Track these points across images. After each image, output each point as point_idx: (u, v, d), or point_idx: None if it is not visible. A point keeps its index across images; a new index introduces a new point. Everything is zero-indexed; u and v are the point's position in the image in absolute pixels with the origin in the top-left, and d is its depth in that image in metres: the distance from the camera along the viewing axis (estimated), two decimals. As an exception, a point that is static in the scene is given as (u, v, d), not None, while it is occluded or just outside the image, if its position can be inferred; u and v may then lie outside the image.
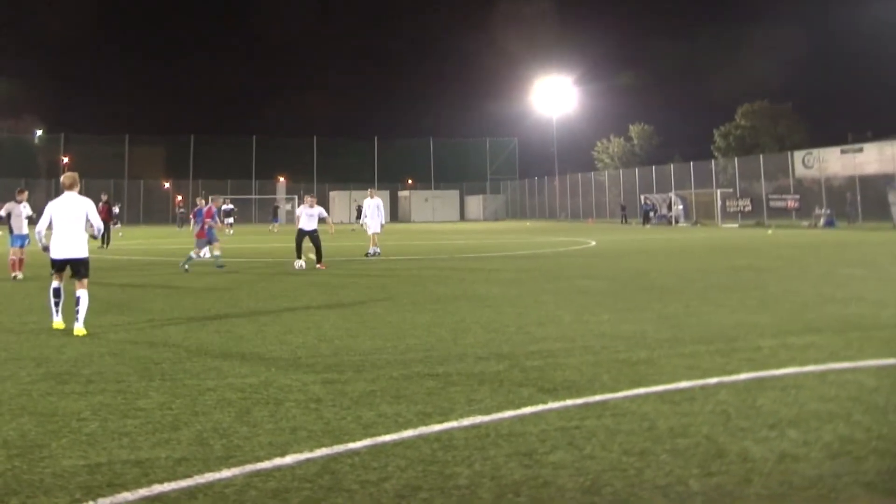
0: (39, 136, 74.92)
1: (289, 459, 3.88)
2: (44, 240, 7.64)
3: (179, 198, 66.00)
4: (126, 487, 3.48)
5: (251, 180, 69.34)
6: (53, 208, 7.49)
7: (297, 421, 4.61)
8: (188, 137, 70.69)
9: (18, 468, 3.70)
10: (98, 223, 7.53)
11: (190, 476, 3.64)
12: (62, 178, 7.64)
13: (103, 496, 3.38)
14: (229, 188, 63.38)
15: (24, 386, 5.44)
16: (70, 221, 7.38)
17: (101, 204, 25.79)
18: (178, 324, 8.35)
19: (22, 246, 12.74)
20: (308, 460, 3.90)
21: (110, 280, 13.61)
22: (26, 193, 13.52)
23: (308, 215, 15.32)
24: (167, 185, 70.98)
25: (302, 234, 15.24)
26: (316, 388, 5.41)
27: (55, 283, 7.53)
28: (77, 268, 7.47)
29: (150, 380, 5.64)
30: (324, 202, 43.78)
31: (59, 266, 7.50)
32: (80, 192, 7.54)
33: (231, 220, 39.31)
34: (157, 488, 3.47)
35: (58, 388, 5.36)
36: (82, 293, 7.40)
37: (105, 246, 23.69)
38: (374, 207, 18.43)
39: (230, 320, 8.65)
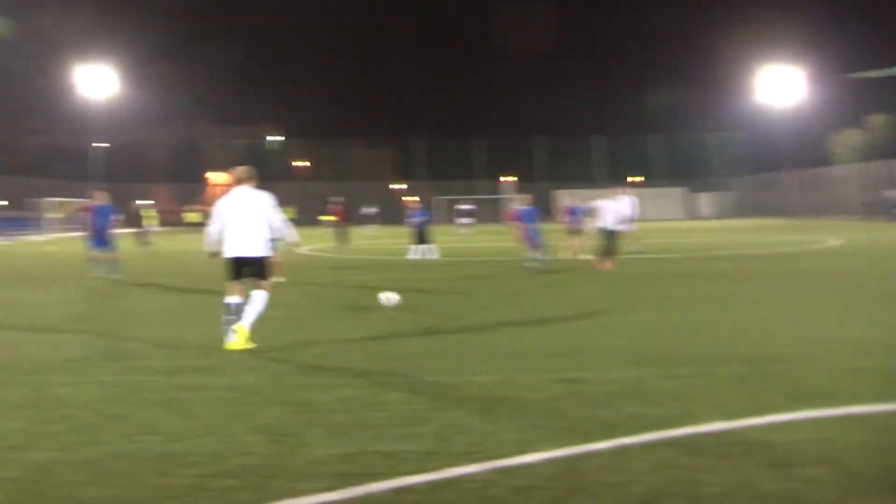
0: (273, 141, 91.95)
1: (532, 457, 4.43)
2: (212, 245, 7.97)
3: (416, 198, 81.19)
4: (377, 478, 4.16)
5: (478, 181, 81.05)
6: (224, 205, 7.90)
7: (539, 419, 5.23)
8: (417, 139, 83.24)
9: (277, 454, 4.59)
10: (278, 222, 7.96)
11: (436, 469, 4.27)
12: (237, 172, 8.09)
13: (356, 485, 4.06)
14: (458, 189, 75.19)
15: (277, 377, 6.71)
16: (244, 216, 7.78)
17: (338, 206, 30.75)
18: (416, 321, 9.79)
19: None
20: (551, 459, 4.41)
21: (353, 280, 16.43)
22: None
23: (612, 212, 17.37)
24: (398, 186, 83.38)
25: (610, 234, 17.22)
26: (555, 387, 6.10)
27: (237, 300, 7.69)
28: (253, 269, 7.82)
29: (392, 374, 6.73)
30: (544, 201, 47.39)
31: (234, 269, 7.81)
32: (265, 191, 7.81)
33: (469, 220, 47.30)
34: (406, 480, 4.13)
35: (307, 381, 6.55)
36: (259, 294, 7.77)
37: (343, 246, 28.64)
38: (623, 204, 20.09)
39: (465, 318, 10.05)
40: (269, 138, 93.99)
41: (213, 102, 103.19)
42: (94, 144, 74.35)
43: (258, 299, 7.77)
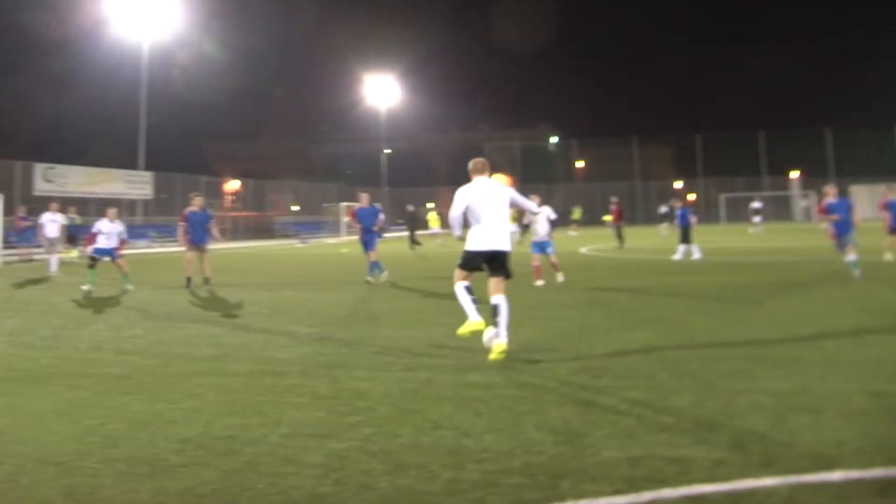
0: (554, 142, 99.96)
1: (837, 475, 4.47)
2: (458, 230, 8.72)
3: (693, 196, 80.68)
4: (667, 483, 4.41)
5: (762, 176, 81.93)
6: (469, 194, 8.56)
7: (842, 434, 5.25)
8: (694, 135, 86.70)
9: (565, 454, 4.98)
10: (532, 207, 9.12)
11: (729, 479, 4.43)
12: (471, 164, 8.90)
13: (644, 489, 4.33)
14: (740, 186, 76.50)
15: (563, 377, 7.26)
16: (493, 207, 8.47)
17: (615, 205, 33.77)
18: (700, 325, 10.55)
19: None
20: (861, 480, 4.44)
21: (632, 282, 17.71)
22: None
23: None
24: (677, 184, 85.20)
25: None
26: (860, 400, 6.11)
27: (465, 283, 8.45)
28: (500, 264, 8.41)
29: (680, 378, 7.06)
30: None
31: (475, 262, 8.48)
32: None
33: (759, 218, 47.32)
34: (698, 488, 4.33)
35: (594, 382, 7.05)
36: (502, 301, 8.22)
37: (621, 245, 31.58)
38: None
39: (752, 322, 10.62)
40: (551, 140, 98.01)
41: (492, 106, 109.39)
42: (384, 151, 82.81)
43: (504, 307, 8.22)
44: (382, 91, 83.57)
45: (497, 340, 8.12)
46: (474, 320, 8.34)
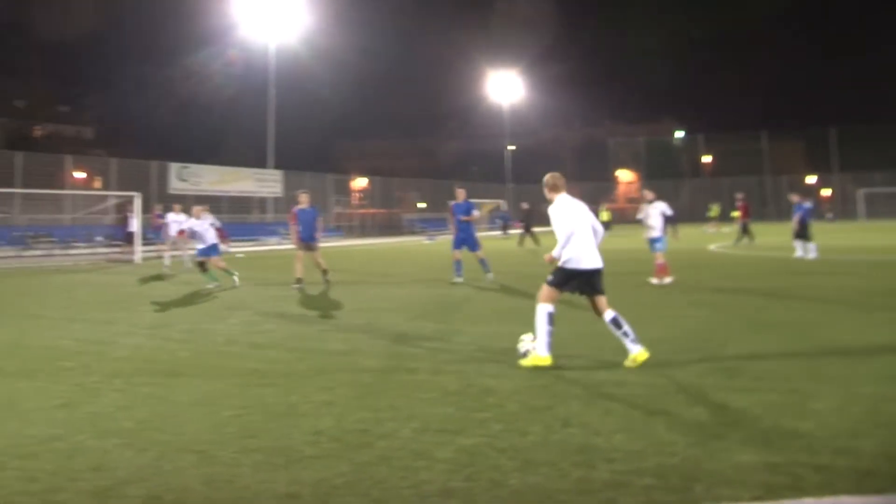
0: (679, 137, 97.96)
1: None
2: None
3: (828, 192, 78.90)
4: (808, 493, 4.24)
5: None
6: (570, 211, 8.38)
7: None
8: (828, 128, 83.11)
9: (698, 456, 4.86)
10: (600, 229, 8.45)
11: (880, 493, 4.26)
12: (552, 179, 8.73)
13: (784, 497, 4.19)
14: (879, 180, 72.57)
15: (696, 378, 7.11)
16: (587, 224, 8.35)
17: (741, 202, 32.51)
18: (840, 326, 10.26)
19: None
20: None
21: (761, 283, 17.43)
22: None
23: None
24: (810, 179, 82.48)
25: None
26: None
27: (551, 308, 8.14)
28: (599, 281, 8.26)
29: (819, 382, 6.82)
30: None
31: (573, 282, 8.27)
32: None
33: None
34: (846, 500, 4.17)
35: (727, 383, 6.87)
36: (615, 313, 8.04)
37: (743, 242, 30.92)
38: None
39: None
40: (676, 134, 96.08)
41: (615, 101, 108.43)
42: (508, 147, 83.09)
43: (621, 317, 8.01)
44: (506, 87, 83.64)
45: (636, 349, 7.89)
46: (544, 355, 7.97)
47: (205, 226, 18.07)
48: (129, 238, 29.40)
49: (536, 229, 35.42)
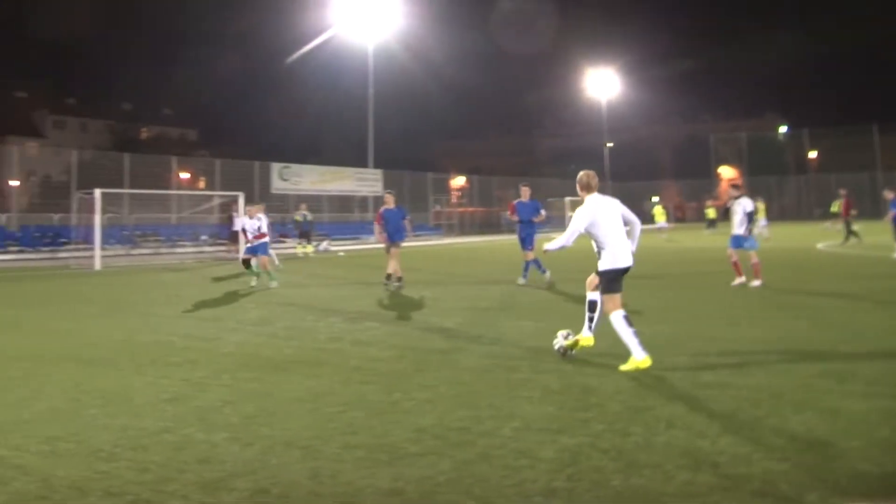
0: (783, 132, 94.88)
1: None
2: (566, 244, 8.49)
3: None
4: None
5: None
6: (600, 210, 8.34)
7: None
8: None
9: (809, 463, 4.71)
10: (635, 219, 8.52)
11: None
12: (586, 178, 8.58)
13: None
14: None
15: (805, 380, 6.90)
16: (620, 224, 8.37)
17: (842, 198, 31.42)
18: None
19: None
20: None
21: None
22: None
23: None
24: None
25: None
26: None
27: (623, 312, 8.00)
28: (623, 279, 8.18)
29: None
30: None
31: (620, 281, 8.25)
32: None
33: None
34: None
35: (838, 387, 6.62)
36: (598, 299, 8.29)
37: (851, 241, 29.22)
38: None
39: None
40: (781, 129, 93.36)
41: (716, 96, 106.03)
42: (607, 144, 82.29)
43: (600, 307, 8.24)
44: (604, 84, 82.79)
45: (587, 333, 8.31)
46: (640, 357, 7.74)
47: (256, 225, 18.45)
48: (233, 237, 30.13)
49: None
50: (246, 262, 18.55)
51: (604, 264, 8.21)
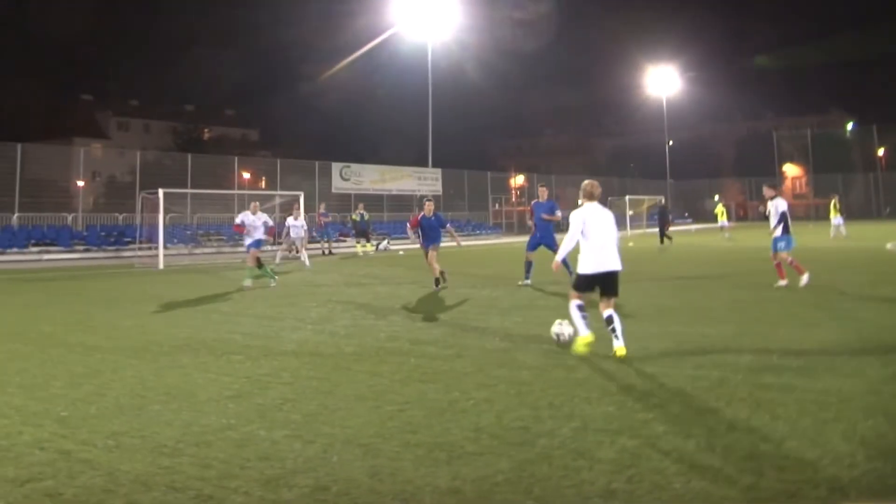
0: (850, 128, 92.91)
1: None
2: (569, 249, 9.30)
3: None
4: None
5: None
6: (591, 216, 8.98)
7: None
8: None
9: (881, 471, 4.61)
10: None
11: None
12: (589, 187, 9.26)
13: None
14: None
15: (874, 385, 6.72)
16: (608, 233, 8.99)
17: None
18: None
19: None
20: None
21: None
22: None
23: None
24: None
25: None
26: None
27: (579, 302, 8.90)
28: (612, 283, 8.86)
29: None
30: None
31: (589, 285, 8.96)
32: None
33: None
34: None
35: None
36: (613, 313, 8.69)
37: None
38: None
39: None
40: (848, 126, 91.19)
41: (779, 92, 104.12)
42: (667, 142, 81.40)
43: (616, 317, 8.75)
44: (663, 82, 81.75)
45: (617, 344, 8.62)
46: (584, 335, 8.82)
47: (258, 222, 18.87)
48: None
49: (672, 228, 34.55)
50: (257, 262, 18.77)
51: (583, 268, 8.96)
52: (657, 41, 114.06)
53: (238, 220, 19.51)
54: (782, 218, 15.19)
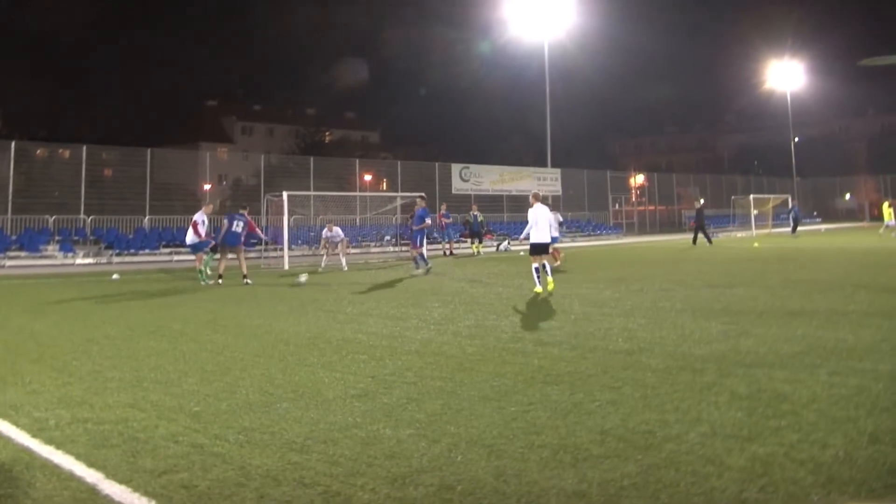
0: None
1: None
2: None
3: None
4: None
5: None
6: (539, 213, 16.66)
7: None
8: None
9: None
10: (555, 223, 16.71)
11: None
12: (533, 198, 17.04)
13: None
14: None
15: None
16: (546, 222, 16.77)
17: None
18: None
19: None
20: None
21: None
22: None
23: None
24: None
25: None
26: None
27: (536, 265, 16.35)
28: (545, 248, 16.87)
29: None
30: None
31: (536, 251, 16.57)
32: None
33: None
34: None
35: None
36: (546, 264, 16.47)
37: None
38: None
39: None
40: None
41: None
42: (793, 139, 78.78)
43: (548, 267, 16.50)
44: (788, 76, 78.84)
45: (539, 287, 15.98)
46: (538, 288, 16.12)
47: (198, 221, 20.88)
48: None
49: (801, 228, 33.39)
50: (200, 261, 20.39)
51: (532, 240, 16.74)
52: (781, 33, 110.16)
53: (200, 220, 21.29)
54: None
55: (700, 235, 35.78)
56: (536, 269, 16.06)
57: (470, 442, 5.51)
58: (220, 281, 20.21)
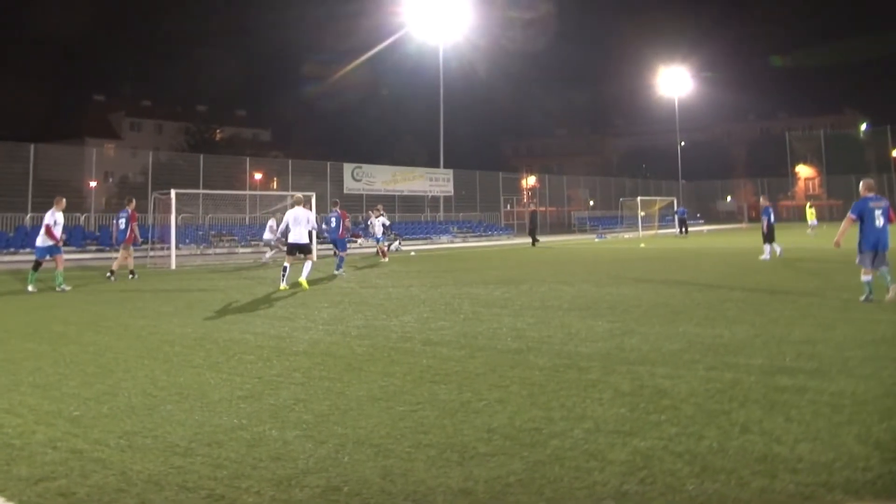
0: (864, 130, 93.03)
1: None
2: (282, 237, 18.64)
3: None
4: None
5: None
6: (296, 215, 18.44)
7: None
8: None
9: (895, 473, 4.56)
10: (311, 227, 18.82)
11: None
12: (297, 199, 18.48)
13: None
14: None
15: (888, 387, 6.67)
16: (303, 223, 18.46)
17: None
18: None
19: None
20: None
21: None
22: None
23: None
24: None
25: None
26: None
27: (287, 264, 18.01)
28: (302, 249, 18.43)
29: None
30: None
31: (292, 251, 18.33)
32: None
33: None
34: None
35: None
36: (288, 266, 17.99)
37: None
38: None
39: None
40: (862, 127, 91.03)
41: (791, 92, 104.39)
42: (680, 143, 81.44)
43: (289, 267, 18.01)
44: (676, 82, 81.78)
45: (282, 284, 17.86)
46: (282, 285, 17.76)
47: (50, 223, 18.59)
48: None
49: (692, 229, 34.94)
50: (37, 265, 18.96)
51: (289, 241, 18.32)
52: (669, 41, 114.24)
53: (52, 221, 18.78)
54: None
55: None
56: (284, 270, 18.05)
57: (357, 442, 5.51)
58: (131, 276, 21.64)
